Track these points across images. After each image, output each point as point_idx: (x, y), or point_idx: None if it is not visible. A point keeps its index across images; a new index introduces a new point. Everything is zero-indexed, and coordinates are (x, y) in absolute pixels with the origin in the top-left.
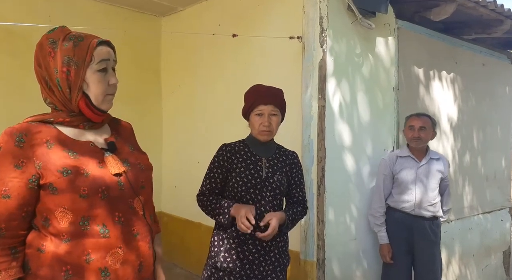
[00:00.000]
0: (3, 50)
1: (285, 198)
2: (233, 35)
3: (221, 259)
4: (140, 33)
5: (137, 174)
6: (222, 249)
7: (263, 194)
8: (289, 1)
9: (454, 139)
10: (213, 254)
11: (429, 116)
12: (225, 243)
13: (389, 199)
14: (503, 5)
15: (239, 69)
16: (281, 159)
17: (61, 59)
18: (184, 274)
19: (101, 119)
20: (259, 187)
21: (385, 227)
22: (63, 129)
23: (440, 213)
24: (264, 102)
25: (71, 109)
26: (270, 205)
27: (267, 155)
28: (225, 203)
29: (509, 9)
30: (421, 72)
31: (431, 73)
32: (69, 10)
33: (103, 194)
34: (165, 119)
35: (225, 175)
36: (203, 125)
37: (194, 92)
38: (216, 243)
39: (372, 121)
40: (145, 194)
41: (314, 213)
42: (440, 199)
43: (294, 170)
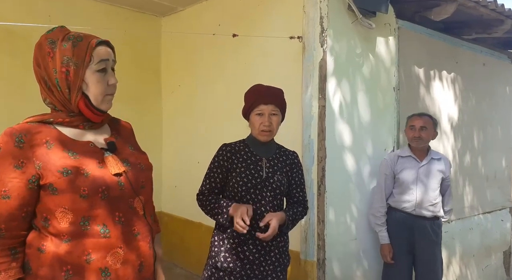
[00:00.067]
0: (3, 50)
1: (285, 198)
2: (233, 35)
3: (222, 259)
4: (140, 33)
5: (137, 174)
6: (222, 249)
7: (264, 194)
8: (289, 1)
9: (454, 139)
10: (213, 254)
11: (431, 116)
12: (226, 243)
13: (390, 199)
14: (503, 5)
15: (239, 69)
16: (281, 159)
17: (60, 59)
18: (184, 274)
19: (101, 119)
20: (259, 187)
21: (386, 227)
22: (62, 130)
23: (441, 213)
24: (264, 101)
25: (70, 109)
26: (270, 205)
27: (268, 155)
28: (224, 202)
29: (510, 9)
30: (421, 72)
31: (432, 73)
32: (69, 10)
33: (103, 194)
34: (165, 119)
35: (225, 175)
36: (203, 125)
37: (194, 92)
38: (216, 243)
39: (372, 121)
40: (145, 194)
41: (314, 213)
42: (441, 199)
43: (294, 170)
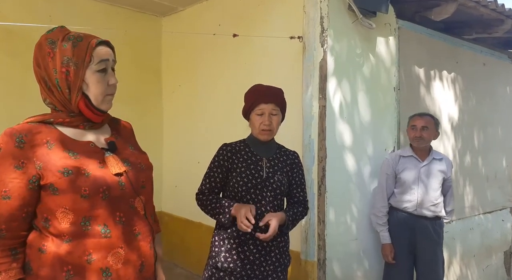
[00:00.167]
0: (3, 50)
1: (285, 198)
2: (234, 35)
3: (222, 259)
4: (140, 33)
5: (138, 173)
6: (222, 249)
7: (264, 194)
8: (289, 1)
9: (455, 139)
10: (213, 254)
11: (432, 116)
12: (226, 243)
13: (391, 199)
14: (503, 5)
15: (240, 69)
16: (281, 159)
17: (60, 60)
18: (184, 274)
19: (101, 119)
20: (259, 187)
21: (387, 227)
22: (63, 130)
23: (442, 213)
24: (264, 101)
25: (70, 109)
26: (270, 205)
27: (268, 155)
28: (225, 202)
29: (510, 9)
30: (421, 72)
31: (432, 73)
32: (70, 10)
33: (104, 194)
34: (166, 119)
35: (225, 174)
36: (204, 125)
37: (194, 92)
38: (216, 243)
39: (372, 121)
40: (145, 193)
41: (315, 213)
42: (443, 200)
43: (295, 170)
